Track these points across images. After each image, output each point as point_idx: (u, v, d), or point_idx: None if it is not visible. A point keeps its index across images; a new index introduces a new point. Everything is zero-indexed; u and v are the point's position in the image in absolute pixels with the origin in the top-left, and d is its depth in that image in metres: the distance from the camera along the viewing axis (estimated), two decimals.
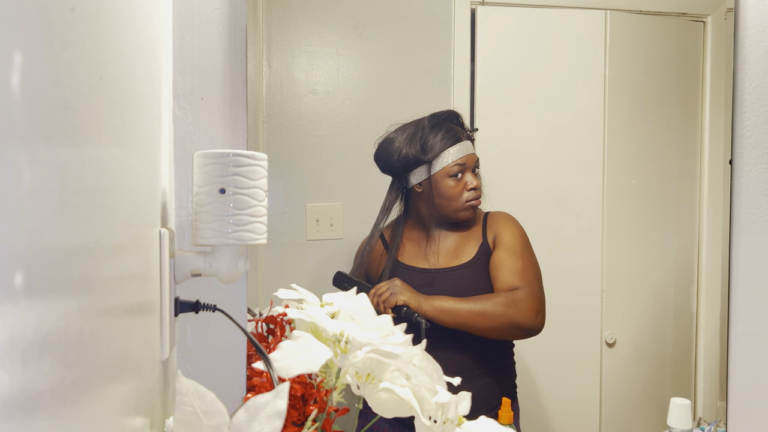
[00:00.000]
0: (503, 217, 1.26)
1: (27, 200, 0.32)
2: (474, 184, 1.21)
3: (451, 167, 1.20)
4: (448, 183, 1.21)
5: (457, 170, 1.20)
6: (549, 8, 1.33)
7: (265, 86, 1.24)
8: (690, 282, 1.34)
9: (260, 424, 0.52)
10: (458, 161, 1.20)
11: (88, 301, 0.43)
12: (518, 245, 1.22)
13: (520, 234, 1.24)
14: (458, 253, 1.24)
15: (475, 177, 1.22)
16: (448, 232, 1.25)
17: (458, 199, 1.22)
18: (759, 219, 1.04)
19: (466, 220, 1.24)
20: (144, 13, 0.66)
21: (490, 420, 0.67)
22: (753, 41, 1.03)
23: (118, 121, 0.53)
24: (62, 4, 0.38)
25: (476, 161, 1.23)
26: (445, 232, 1.25)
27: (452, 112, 1.25)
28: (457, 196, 1.22)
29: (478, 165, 1.23)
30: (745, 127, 1.04)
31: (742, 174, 1.04)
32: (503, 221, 1.25)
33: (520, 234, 1.24)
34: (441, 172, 1.20)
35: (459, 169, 1.20)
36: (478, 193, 1.23)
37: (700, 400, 1.32)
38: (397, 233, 1.27)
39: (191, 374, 0.90)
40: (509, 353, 1.26)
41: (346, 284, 1.20)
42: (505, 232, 1.23)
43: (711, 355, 1.31)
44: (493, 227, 1.24)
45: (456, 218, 1.24)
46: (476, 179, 1.22)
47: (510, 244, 1.22)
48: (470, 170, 1.22)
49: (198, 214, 0.74)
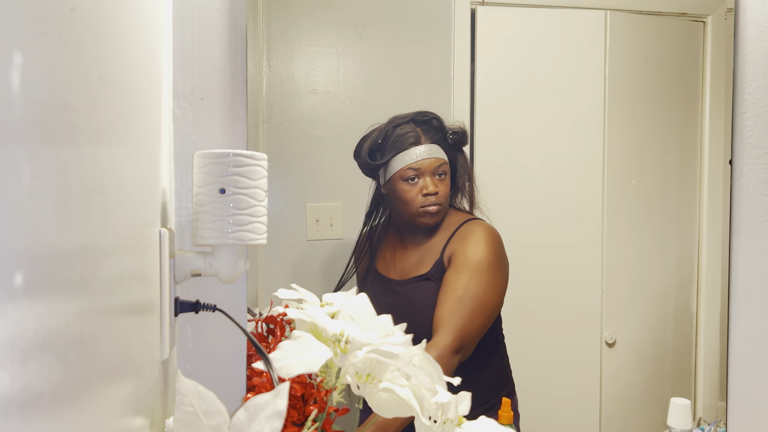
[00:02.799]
0: (474, 230, 1.20)
1: (27, 200, 0.32)
2: (430, 190, 1.17)
3: (404, 171, 1.18)
4: (402, 187, 1.18)
5: (411, 174, 1.17)
6: (549, 8, 1.33)
7: (265, 86, 1.24)
8: (690, 282, 1.34)
9: (260, 424, 0.52)
10: (411, 165, 1.17)
11: (88, 301, 0.43)
12: (470, 266, 1.15)
13: (481, 253, 1.17)
14: (419, 264, 1.21)
15: (436, 182, 1.18)
16: (421, 238, 1.22)
17: (412, 203, 1.19)
18: (759, 219, 1.04)
19: (428, 226, 1.21)
20: (144, 13, 0.65)
21: (490, 420, 0.67)
22: (753, 41, 1.03)
23: (118, 121, 0.53)
24: (62, 4, 0.38)
25: (438, 166, 1.18)
26: (419, 238, 1.22)
27: (423, 113, 1.21)
28: (411, 201, 1.19)
29: (441, 169, 1.19)
30: (745, 127, 1.04)
31: (742, 174, 1.04)
32: (469, 236, 1.19)
33: (481, 253, 1.17)
34: (395, 176, 1.19)
35: (414, 173, 1.17)
36: (436, 199, 1.18)
37: (700, 400, 1.32)
38: (379, 238, 1.26)
39: (191, 374, 0.90)
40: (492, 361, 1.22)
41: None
42: (464, 250, 1.17)
43: (711, 355, 1.31)
44: (457, 241, 1.19)
45: (416, 223, 1.21)
46: (436, 184, 1.18)
47: (461, 264, 1.16)
48: (430, 174, 1.18)
49: (198, 214, 0.74)
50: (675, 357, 1.36)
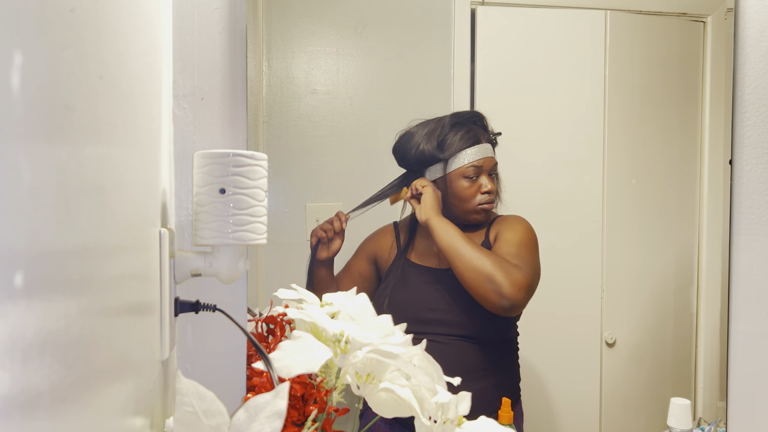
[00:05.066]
0: (511, 217, 1.25)
1: (27, 200, 0.32)
2: (488, 188, 1.21)
3: (467, 168, 1.20)
4: (462, 184, 1.20)
5: (472, 172, 1.20)
6: (549, 8, 1.33)
7: (265, 86, 1.24)
8: (690, 282, 1.34)
9: (260, 424, 0.52)
10: (474, 163, 1.20)
11: (88, 301, 0.43)
12: (518, 240, 1.21)
13: (524, 233, 1.22)
14: None
15: (490, 180, 1.21)
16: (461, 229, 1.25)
17: (471, 201, 1.21)
18: (759, 219, 1.04)
19: (478, 223, 1.23)
20: (144, 13, 0.65)
21: (490, 420, 0.67)
22: (753, 41, 1.03)
23: (118, 121, 0.53)
24: (62, 4, 0.38)
25: (494, 165, 1.22)
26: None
27: (476, 113, 1.24)
28: (470, 198, 1.21)
29: (495, 169, 1.23)
30: (745, 127, 1.04)
31: (742, 174, 1.04)
32: (510, 221, 1.24)
33: (524, 233, 1.22)
34: (456, 172, 1.20)
35: (475, 171, 1.20)
36: (492, 197, 1.22)
37: (700, 400, 1.32)
38: (410, 230, 1.26)
39: (191, 374, 0.90)
40: (514, 356, 1.25)
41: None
42: (508, 230, 1.22)
43: (711, 355, 1.31)
44: (498, 226, 1.23)
45: (467, 220, 1.23)
46: (491, 183, 1.21)
47: (509, 239, 1.21)
48: (486, 173, 1.21)
49: (198, 214, 0.74)
50: (675, 357, 1.35)
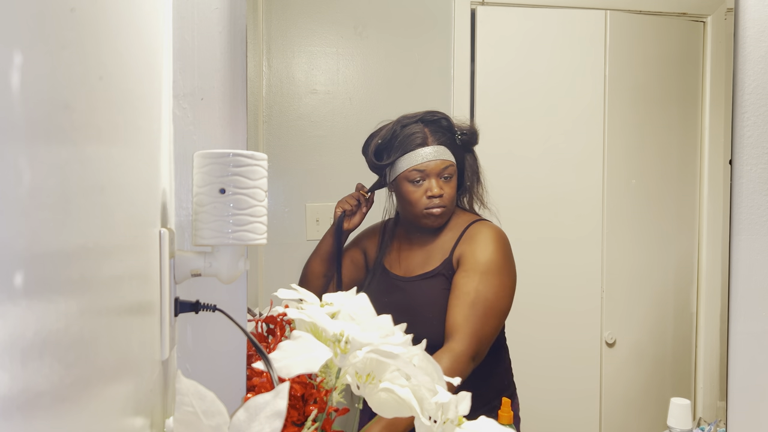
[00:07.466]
0: (482, 232, 1.19)
1: (27, 200, 0.32)
2: (435, 192, 1.17)
3: (410, 172, 1.17)
4: (407, 188, 1.18)
5: (416, 176, 1.17)
6: (549, 8, 1.33)
7: (265, 86, 1.24)
8: (690, 282, 1.34)
9: (260, 424, 0.52)
10: (416, 167, 1.17)
11: (88, 301, 0.43)
12: (480, 269, 1.15)
13: (491, 254, 1.17)
14: (425, 262, 1.21)
15: (442, 184, 1.17)
16: (428, 237, 1.22)
17: (417, 205, 1.18)
18: (759, 219, 1.04)
19: (432, 228, 1.20)
20: (143, 13, 0.66)
21: (490, 420, 0.67)
22: (753, 41, 1.03)
23: (118, 121, 0.53)
24: (62, 4, 0.38)
25: (445, 168, 1.17)
26: (426, 237, 1.22)
27: (431, 113, 1.20)
28: (415, 202, 1.18)
29: (447, 172, 1.18)
30: (745, 127, 1.04)
31: (742, 174, 1.04)
32: (477, 238, 1.18)
33: (491, 254, 1.17)
34: (401, 176, 1.18)
35: (420, 174, 1.17)
36: (440, 201, 1.17)
37: (700, 400, 1.32)
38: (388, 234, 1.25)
39: (191, 374, 0.90)
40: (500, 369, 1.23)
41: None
42: (473, 251, 1.17)
43: (711, 355, 1.31)
44: (465, 243, 1.18)
45: (420, 224, 1.20)
46: (441, 186, 1.17)
47: (471, 267, 1.15)
48: (435, 176, 1.17)
49: (198, 214, 0.74)
50: (675, 357, 1.35)
